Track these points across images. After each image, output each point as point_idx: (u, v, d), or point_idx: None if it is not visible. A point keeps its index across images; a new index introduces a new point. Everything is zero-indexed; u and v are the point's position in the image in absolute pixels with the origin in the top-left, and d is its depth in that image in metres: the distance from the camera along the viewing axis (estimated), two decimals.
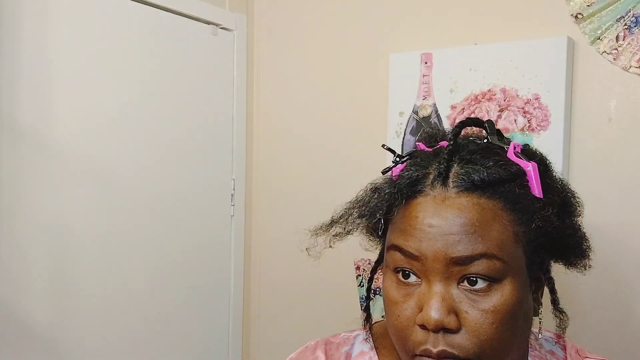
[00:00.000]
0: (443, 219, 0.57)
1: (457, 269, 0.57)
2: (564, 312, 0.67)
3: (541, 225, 0.60)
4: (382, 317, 0.68)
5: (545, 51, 1.15)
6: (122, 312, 1.31)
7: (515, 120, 1.19)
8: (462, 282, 0.57)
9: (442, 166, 0.59)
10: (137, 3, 1.32)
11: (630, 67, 1.10)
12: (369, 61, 1.44)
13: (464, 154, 0.61)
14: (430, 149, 0.67)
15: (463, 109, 1.25)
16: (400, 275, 0.60)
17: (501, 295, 0.57)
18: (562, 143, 1.14)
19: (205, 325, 1.55)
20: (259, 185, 1.68)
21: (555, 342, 0.75)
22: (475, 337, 0.56)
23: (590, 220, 1.15)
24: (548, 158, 0.69)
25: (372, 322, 0.72)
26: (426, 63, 1.30)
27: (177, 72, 1.43)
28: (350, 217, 0.65)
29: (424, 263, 0.58)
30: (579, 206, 0.69)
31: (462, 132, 0.67)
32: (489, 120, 0.67)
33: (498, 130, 0.68)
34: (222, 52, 1.56)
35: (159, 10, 1.37)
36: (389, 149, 0.71)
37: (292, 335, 1.58)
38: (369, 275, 0.74)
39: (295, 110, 1.60)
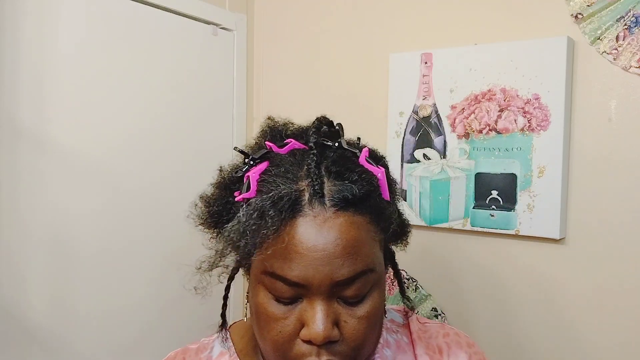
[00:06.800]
0: (327, 242, 0.57)
1: (339, 288, 0.59)
2: (411, 299, 0.77)
3: (395, 227, 0.66)
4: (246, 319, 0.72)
5: (545, 51, 1.15)
6: (121, 311, 1.31)
7: (515, 120, 1.19)
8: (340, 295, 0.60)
9: (317, 183, 0.59)
10: (137, 3, 1.32)
11: (630, 67, 1.10)
12: (369, 61, 1.44)
13: (329, 164, 0.62)
14: (282, 150, 0.68)
15: (463, 109, 1.25)
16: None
17: (372, 301, 0.62)
18: (562, 143, 1.14)
19: (206, 325, 1.54)
20: None
21: (399, 312, 0.82)
22: (352, 342, 0.60)
23: (590, 220, 1.15)
24: (380, 152, 0.74)
25: (229, 325, 0.79)
26: (426, 63, 1.30)
27: (176, 72, 1.43)
28: (241, 250, 0.61)
29: (308, 288, 0.58)
30: (397, 189, 0.74)
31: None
32: (339, 123, 0.72)
33: (340, 124, 0.73)
34: (222, 52, 1.56)
35: (159, 10, 1.37)
36: (241, 151, 0.73)
37: None
38: (227, 283, 0.76)
39: (295, 110, 1.59)
